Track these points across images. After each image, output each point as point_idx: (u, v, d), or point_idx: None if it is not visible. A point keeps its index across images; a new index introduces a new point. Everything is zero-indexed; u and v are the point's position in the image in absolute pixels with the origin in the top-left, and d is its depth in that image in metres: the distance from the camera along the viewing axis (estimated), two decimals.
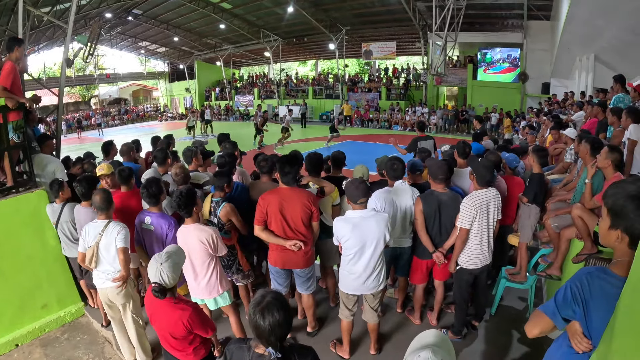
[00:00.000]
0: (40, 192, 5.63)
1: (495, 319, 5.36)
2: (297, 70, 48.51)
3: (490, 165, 4.54)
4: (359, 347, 4.85)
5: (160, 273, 2.95)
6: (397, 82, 32.52)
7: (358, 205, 4.07)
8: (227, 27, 32.87)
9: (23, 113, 5.52)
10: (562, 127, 8.36)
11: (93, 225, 4.41)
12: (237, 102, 41.21)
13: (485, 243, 4.50)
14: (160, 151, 5.96)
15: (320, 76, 39.10)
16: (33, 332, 5.70)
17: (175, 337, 3.14)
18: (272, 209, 4.35)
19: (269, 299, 2.24)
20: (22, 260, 5.58)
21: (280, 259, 4.59)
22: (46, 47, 33.21)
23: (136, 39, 40.47)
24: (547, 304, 2.23)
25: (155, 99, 53.83)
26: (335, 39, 30.50)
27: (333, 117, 25.37)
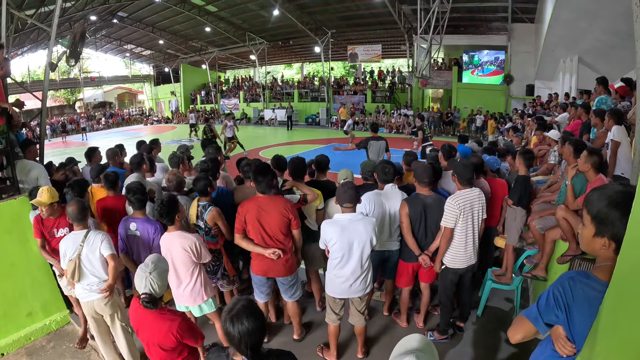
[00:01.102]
0: (23, 199, 5.54)
1: (481, 320, 5.39)
2: (283, 73, 48.49)
3: (469, 164, 4.62)
4: (346, 351, 4.84)
5: (150, 283, 2.91)
6: (382, 85, 32.68)
7: (345, 208, 4.09)
8: (212, 30, 32.82)
9: (6, 118, 5.45)
10: (546, 128, 8.43)
11: (71, 237, 4.24)
12: (223, 106, 41.14)
13: (470, 243, 4.53)
14: (135, 156, 5.91)
15: (306, 79, 39.15)
16: (19, 341, 5.59)
17: (164, 349, 3.09)
18: (249, 217, 4.35)
19: (239, 306, 2.23)
20: (5, 268, 5.48)
21: (261, 268, 4.58)
22: (30, 50, 32.87)
23: (121, 42, 40.28)
24: (530, 309, 2.23)
25: (141, 102, 53.52)
26: (321, 42, 30.64)
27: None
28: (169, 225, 4.16)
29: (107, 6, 27.85)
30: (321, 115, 33.06)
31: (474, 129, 23.81)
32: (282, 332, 5.34)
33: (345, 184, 4.18)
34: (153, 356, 3.21)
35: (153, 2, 28.56)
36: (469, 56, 25.49)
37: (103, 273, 4.23)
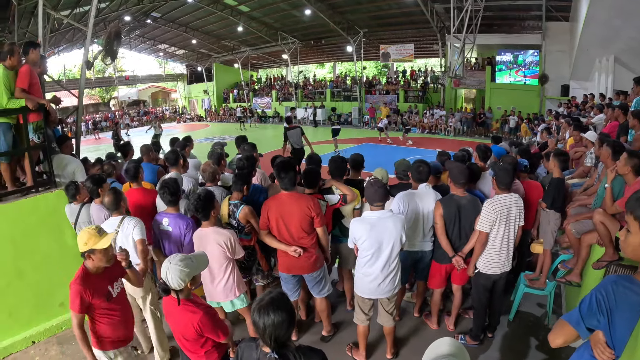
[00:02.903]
0: (59, 192, 5.69)
1: (512, 325, 5.28)
2: (315, 72, 48.50)
3: (510, 168, 4.49)
4: (375, 351, 4.82)
5: (167, 272, 2.94)
6: (415, 85, 32.32)
7: (374, 207, 4.07)
8: (244, 29, 33.02)
9: (43, 114, 5.61)
10: (582, 129, 8.24)
11: (109, 223, 4.47)
12: (255, 104, 41.32)
13: (504, 249, 4.42)
14: (172, 152, 5.99)
15: (338, 78, 39.04)
16: (50, 330, 5.77)
17: (187, 339, 3.14)
18: (272, 215, 4.39)
19: (268, 298, 2.25)
20: (40, 259, 5.65)
21: (285, 264, 4.63)
22: (66, 49, 33.72)
23: (155, 42, 41.00)
24: (571, 313, 2.20)
25: (174, 100, 54.34)
26: (353, 41, 30.49)
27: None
28: (203, 221, 4.20)
29: (141, 7, 28.31)
30: (353, 114, 32.93)
31: (507, 130, 23.37)
32: (311, 330, 5.35)
33: (374, 182, 4.14)
34: (179, 343, 3.27)
35: (186, 3, 28.92)
36: (513, 56, 24.80)
37: (136, 257, 4.38)
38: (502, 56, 25.02)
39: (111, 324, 3.60)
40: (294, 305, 2.37)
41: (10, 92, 5.21)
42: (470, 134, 25.06)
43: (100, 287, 3.50)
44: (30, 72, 5.35)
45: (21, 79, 5.26)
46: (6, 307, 5.43)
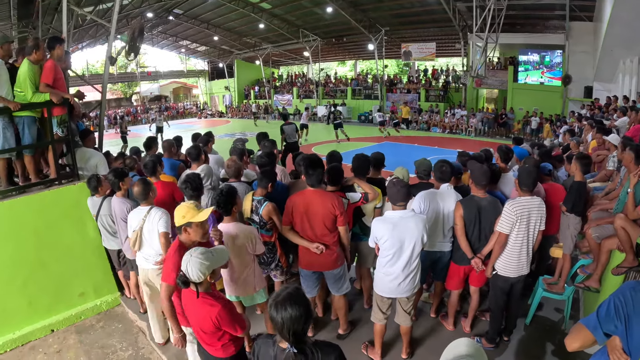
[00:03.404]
0: (82, 185, 5.80)
1: (529, 329, 5.22)
2: (336, 70, 48.44)
3: (533, 170, 4.42)
4: (390, 350, 4.81)
5: (187, 264, 2.97)
6: (436, 84, 32.05)
7: (397, 206, 4.06)
8: (266, 26, 33.07)
9: (67, 108, 5.72)
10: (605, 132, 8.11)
11: (137, 212, 4.67)
12: (276, 101, 41.43)
13: (524, 253, 4.36)
14: (194, 148, 6.05)
15: (359, 76, 38.91)
16: (69, 319, 5.92)
17: (205, 332, 3.17)
18: (296, 211, 4.39)
19: (284, 293, 2.27)
20: (62, 250, 5.79)
21: (306, 261, 4.63)
22: (89, 45, 34.20)
23: (177, 38, 41.34)
24: (589, 318, 2.19)
25: (195, 96, 54.78)
26: (375, 40, 30.34)
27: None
28: (225, 216, 4.23)
29: (163, 3, 28.61)
30: (374, 112, 32.64)
31: (529, 132, 23.06)
32: (327, 328, 5.36)
33: (397, 182, 4.11)
34: (197, 335, 3.32)
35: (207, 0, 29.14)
36: (540, 56, 24.26)
37: (159, 247, 4.51)
38: (529, 56, 24.57)
39: None
40: (310, 301, 2.37)
41: (35, 86, 5.33)
42: (491, 135, 24.77)
43: None
44: (54, 67, 5.46)
45: (46, 74, 5.38)
46: (27, 296, 5.57)
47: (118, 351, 5.32)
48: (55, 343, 5.58)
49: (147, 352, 5.26)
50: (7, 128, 5.32)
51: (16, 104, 5.20)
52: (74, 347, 5.46)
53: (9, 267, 5.42)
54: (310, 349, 2.31)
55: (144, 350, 5.29)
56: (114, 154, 7.31)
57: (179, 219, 3.47)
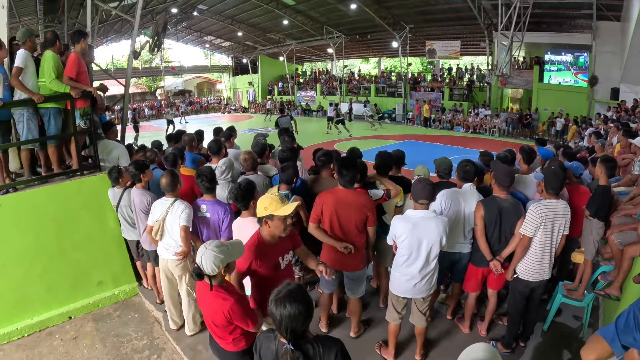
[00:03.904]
0: (103, 176, 5.91)
1: (546, 335, 5.13)
2: (360, 67, 48.30)
3: (560, 173, 4.33)
4: (404, 351, 4.79)
5: (202, 257, 2.99)
6: (460, 83, 31.65)
7: (419, 204, 4.02)
8: (290, 23, 33.08)
9: (90, 101, 5.83)
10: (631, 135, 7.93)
11: (161, 202, 4.76)
12: (300, 97, 41.48)
13: (546, 257, 4.28)
14: (215, 142, 6.11)
15: (383, 74, 38.68)
16: (87, 307, 6.06)
17: (217, 325, 3.20)
18: (327, 209, 4.36)
19: (285, 290, 2.28)
20: (82, 239, 5.92)
21: (330, 259, 4.57)
22: (114, 39, 34.76)
23: (201, 34, 41.66)
24: (607, 329, 2.13)
25: (219, 91, 55.16)
26: (399, 37, 30.07)
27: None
28: (243, 210, 4.26)
29: None
30: (397, 110, 32.56)
31: (554, 133, 22.61)
32: (342, 325, 5.36)
33: (422, 180, 4.09)
34: (209, 328, 3.35)
35: None
36: (573, 57, 23.50)
37: (179, 239, 4.61)
38: (562, 56, 23.89)
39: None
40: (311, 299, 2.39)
41: (56, 73, 5.44)
42: (515, 135, 24.35)
43: (271, 256, 3.53)
44: (78, 61, 5.59)
45: (69, 68, 5.51)
46: (46, 283, 5.72)
47: (133, 340, 5.42)
48: (72, 330, 5.72)
49: (161, 342, 5.34)
50: (31, 119, 5.47)
51: (40, 96, 5.33)
52: (90, 334, 5.59)
53: (30, 255, 5.56)
54: (312, 344, 2.33)
55: (159, 340, 5.38)
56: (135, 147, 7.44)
57: (262, 210, 3.37)
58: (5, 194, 5.41)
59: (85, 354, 5.23)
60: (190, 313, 5.12)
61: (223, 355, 3.43)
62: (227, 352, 3.34)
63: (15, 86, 5.31)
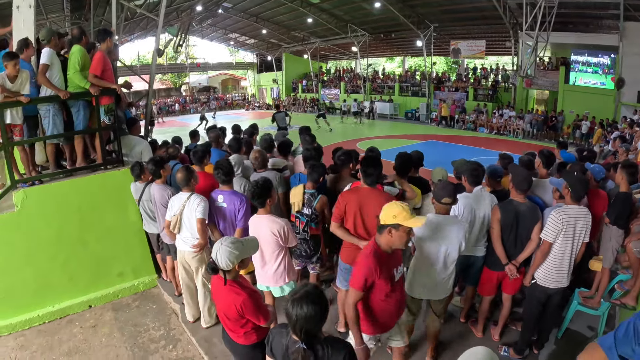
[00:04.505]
0: (126, 171, 6.07)
1: (561, 342, 5.03)
2: (384, 66, 48.10)
3: (585, 179, 4.28)
4: (415, 352, 4.77)
5: (217, 252, 3.05)
6: (485, 83, 31.27)
7: (441, 205, 3.97)
8: (314, 21, 33.18)
9: (114, 98, 6.01)
10: None
11: (178, 197, 4.92)
12: (324, 95, 41.36)
13: (565, 264, 4.22)
14: (235, 140, 6.22)
15: (407, 73, 38.45)
16: (107, 296, 6.26)
17: (229, 318, 3.27)
18: (350, 208, 4.34)
19: (302, 291, 2.32)
20: (104, 231, 6.12)
21: (352, 257, 4.50)
22: (140, 36, 35.26)
23: (226, 31, 42.09)
24: (606, 337, 2.09)
25: (243, 88, 55.46)
26: (423, 36, 29.81)
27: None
28: (259, 208, 4.32)
29: None
30: (421, 110, 32.33)
31: (579, 136, 22.13)
32: None
33: (444, 181, 4.11)
34: (222, 321, 3.44)
35: None
36: (610, 59, 22.59)
37: (196, 231, 4.76)
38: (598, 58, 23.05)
39: (386, 310, 3.49)
40: (327, 301, 2.45)
41: (82, 66, 5.64)
42: (540, 138, 23.94)
43: (388, 267, 3.36)
44: (103, 59, 5.77)
45: (94, 66, 5.70)
46: (68, 272, 5.93)
47: (150, 330, 5.59)
48: (92, 318, 5.92)
49: (177, 333, 5.49)
50: (57, 115, 5.67)
51: (66, 92, 5.52)
52: (109, 323, 5.78)
53: (54, 245, 5.77)
54: (321, 344, 2.37)
55: (175, 332, 5.53)
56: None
57: (389, 217, 3.18)
58: (32, 185, 5.62)
59: (103, 341, 5.40)
60: (205, 305, 5.26)
61: (234, 348, 3.50)
62: (239, 345, 3.41)
63: (42, 83, 5.51)
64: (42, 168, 6.29)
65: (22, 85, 5.33)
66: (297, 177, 5.52)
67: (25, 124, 5.64)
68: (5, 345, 5.40)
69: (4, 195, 5.52)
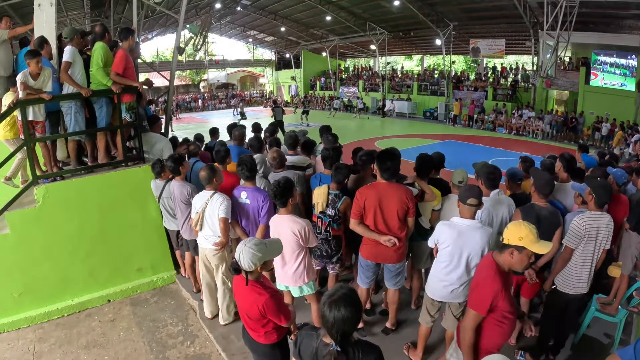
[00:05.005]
0: (146, 168, 6.15)
1: (577, 348, 4.95)
2: (403, 64, 47.89)
3: (609, 186, 4.22)
4: (432, 354, 4.73)
5: (240, 253, 3.05)
6: (504, 83, 30.86)
7: (467, 206, 3.87)
8: (333, 18, 33.17)
9: (135, 95, 6.08)
10: None
11: (201, 195, 4.96)
12: (342, 93, 41.46)
13: (586, 270, 4.18)
14: (256, 139, 6.24)
15: (426, 72, 38.25)
16: (125, 291, 6.35)
17: (251, 318, 3.28)
18: (369, 203, 4.36)
19: (340, 293, 2.29)
20: (124, 227, 6.19)
21: (373, 253, 4.60)
22: (159, 34, 35.62)
23: (245, 28, 42.33)
24: (626, 350, 2.10)
25: (262, 85, 55.69)
26: (442, 34, 29.63)
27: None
28: (280, 208, 4.32)
29: None
30: (439, 109, 32.07)
31: (599, 138, 21.74)
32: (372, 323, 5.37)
33: (470, 184, 4.10)
34: (243, 320, 3.44)
35: None
36: (621, 59, 22.27)
37: (217, 229, 4.81)
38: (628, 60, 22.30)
39: (501, 332, 3.25)
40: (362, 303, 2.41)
41: (104, 62, 5.71)
42: (559, 139, 23.53)
43: (507, 286, 3.17)
44: (125, 57, 5.83)
45: (116, 64, 5.76)
46: (88, 267, 6.03)
47: (168, 325, 5.64)
48: (110, 312, 6.00)
49: (195, 329, 5.53)
50: (79, 112, 5.75)
51: (88, 90, 5.61)
52: (127, 318, 5.85)
53: (74, 240, 5.86)
54: (352, 347, 2.35)
55: (193, 328, 5.58)
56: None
57: (514, 238, 3.00)
58: (53, 181, 5.70)
59: (121, 336, 5.48)
60: (224, 303, 5.29)
61: (255, 347, 3.52)
62: (259, 344, 3.42)
63: (65, 80, 5.60)
64: (63, 164, 6.40)
65: (44, 82, 5.41)
66: (317, 177, 5.49)
67: (47, 120, 5.71)
68: (25, 338, 5.50)
69: (26, 191, 5.62)
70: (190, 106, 43.68)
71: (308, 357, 2.55)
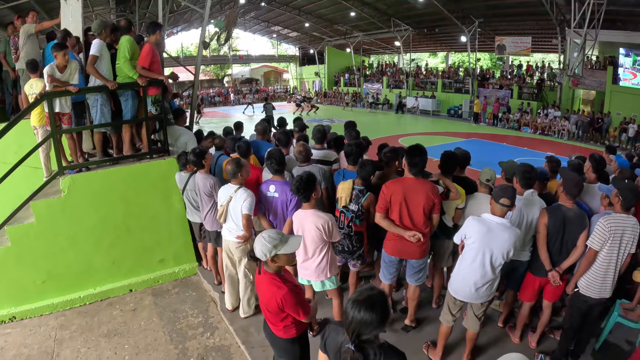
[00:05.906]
0: (171, 160, 6.26)
1: (597, 354, 4.85)
2: (427, 61, 47.53)
3: (637, 189, 4.11)
4: (451, 354, 4.68)
5: (256, 241, 3.11)
6: (530, 81, 30.30)
7: (498, 205, 3.86)
8: (357, 14, 32.95)
9: (161, 89, 6.15)
10: None
11: (226, 188, 5.00)
12: (366, 89, 41.37)
13: (610, 274, 4.10)
14: (284, 134, 6.28)
15: (451, 69, 37.86)
16: (147, 282, 6.44)
17: (270, 311, 3.29)
18: (395, 198, 4.35)
19: (366, 295, 2.24)
20: (148, 218, 6.29)
21: (397, 249, 4.60)
22: (184, 29, 35.98)
23: (269, 24, 42.43)
24: None
25: (286, 81, 55.80)
26: (467, 31, 29.26)
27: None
28: (304, 202, 4.33)
29: None
30: (464, 107, 31.69)
31: (625, 140, 21.15)
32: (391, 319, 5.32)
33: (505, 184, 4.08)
34: (263, 313, 3.46)
35: None
36: None
37: (241, 224, 4.86)
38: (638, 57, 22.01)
39: None
40: (390, 309, 2.31)
41: (131, 55, 5.78)
42: (585, 140, 23.00)
43: None
44: (152, 51, 5.92)
45: (143, 58, 5.85)
46: (111, 257, 6.14)
47: (189, 317, 5.70)
48: (132, 302, 6.10)
49: (215, 321, 5.58)
50: (105, 105, 5.84)
51: (114, 83, 5.69)
52: (148, 308, 5.94)
53: (99, 230, 5.98)
54: (374, 350, 2.30)
55: (213, 320, 5.63)
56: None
57: None
58: (79, 172, 5.81)
59: (142, 325, 5.56)
60: (246, 296, 5.34)
61: (274, 341, 3.54)
62: (278, 338, 3.44)
63: (91, 73, 5.69)
64: (88, 155, 6.50)
65: (71, 75, 5.52)
66: (341, 173, 5.47)
67: (72, 111, 5.82)
68: (46, 324, 5.61)
69: (52, 181, 5.73)
70: (214, 101, 43.90)
71: (332, 352, 2.55)
